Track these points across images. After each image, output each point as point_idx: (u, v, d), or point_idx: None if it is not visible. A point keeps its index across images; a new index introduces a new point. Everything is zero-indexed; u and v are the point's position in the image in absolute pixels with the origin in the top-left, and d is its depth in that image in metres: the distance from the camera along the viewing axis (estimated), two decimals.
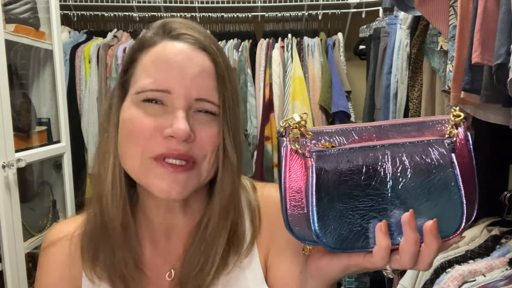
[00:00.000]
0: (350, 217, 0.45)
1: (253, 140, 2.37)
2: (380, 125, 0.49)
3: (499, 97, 0.96)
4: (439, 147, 0.46)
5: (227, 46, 2.42)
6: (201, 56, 0.57)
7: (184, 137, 0.54)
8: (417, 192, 0.45)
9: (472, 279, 1.09)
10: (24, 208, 1.58)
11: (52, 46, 1.79)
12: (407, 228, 0.44)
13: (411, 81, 1.63)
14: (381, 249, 0.45)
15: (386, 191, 0.45)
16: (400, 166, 0.46)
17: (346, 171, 0.45)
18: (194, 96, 0.56)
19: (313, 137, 0.48)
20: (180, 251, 0.63)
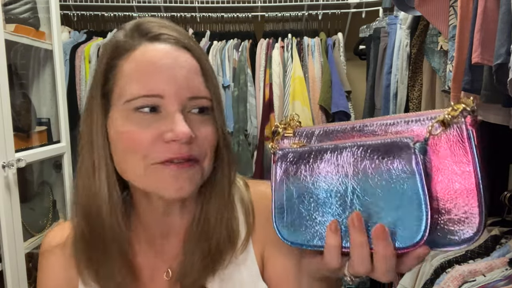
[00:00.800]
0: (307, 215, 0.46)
1: (253, 140, 2.37)
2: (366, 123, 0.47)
3: (499, 97, 0.96)
4: (404, 148, 0.42)
5: (227, 46, 2.42)
6: (185, 56, 0.56)
7: (186, 139, 0.53)
8: (378, 197, 0.42)
9: (472, 279, 1.09)
10: (24, 208, 1.58)
11: (52, 46, 1.79)
12: (351, 229, 0.43)
13: (411, 81, 1.63)
14: (329, 247, 0.45)
15: (346, 192, 0.44)
16: (361, 168, 0.43)
17: (307, 170, 0.46)
18: (187, 95, 0.55)
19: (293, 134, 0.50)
20: (176, 250, 0.63)
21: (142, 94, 0.54)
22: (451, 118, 0.42)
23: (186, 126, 0.53)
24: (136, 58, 0.55)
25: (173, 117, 0.54)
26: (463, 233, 0.41)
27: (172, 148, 0.54)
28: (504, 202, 1.28)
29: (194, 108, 0.56)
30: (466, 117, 0.42)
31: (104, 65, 0.58)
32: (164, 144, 0.54)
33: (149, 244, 0.64)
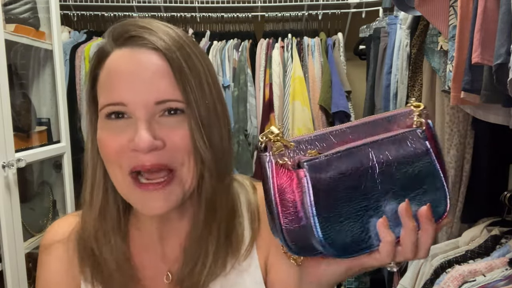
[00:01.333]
0: (350, 220, 0.45)
1: (253, 140, 2.37)
2: (354, 125, 0.50)
3: (499, 97, 0.96)
4: (414, 138, 0.49)
5: (227, 46, 2.42)
6: (152, 58, 0.53)
7: (147, 148, 0.51)
8: (404, 183, 0.46)
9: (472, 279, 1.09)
10: (24, 208, 1.58)
11: (52, 46, 1.79)
12: (405, 218, 0.44)
13: (411, 81, 1.63)
14: (386, 244, 0.45)
15: (377, 187, 0.46)
16: (384, 162, 0.46)
17: (338, 176, 0.45)
18: (152, 100, 0.52)
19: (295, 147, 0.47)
20: (176, 253, 0.63)
21: (107, 103, 0.54)
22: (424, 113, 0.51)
23: (147, 134, 0.51)
24: (106, 66, 0.56)
25: (136, 125, 0.53)
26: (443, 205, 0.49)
27: (137, 156, 0.53)
28: (504, 202, 1.28)
29: (164, 111, 0.54)
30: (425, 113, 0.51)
31: (89, 74, 0.58)
32: (131, 152, 0.53)
33: (148, 247, 0.64)
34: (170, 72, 0.53)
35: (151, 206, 0.55)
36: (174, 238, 0.64)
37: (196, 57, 0.56)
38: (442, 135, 1.39)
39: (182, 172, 0.55)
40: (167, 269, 0.63)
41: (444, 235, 1.41)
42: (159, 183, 0.54)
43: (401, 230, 0.45)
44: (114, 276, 0.60)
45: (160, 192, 0.54)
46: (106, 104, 0.54)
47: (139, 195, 0.55)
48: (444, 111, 1.38)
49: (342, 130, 0.49)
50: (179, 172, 0.55)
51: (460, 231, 1.38)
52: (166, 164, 0.54)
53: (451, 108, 1.34)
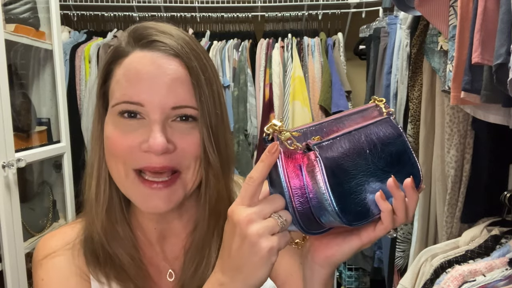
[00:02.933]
0: (356, 193, 0.51)
1: (253, 140, 2.37)
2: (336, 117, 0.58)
3: (499, 97, 0.96)
4: (390, 123, 0.58)
5: (227, 46, 2.42)
6: (173, 64, 0.55)
7: (161, 151, 0.53)
8: (388, 160, 0.54)
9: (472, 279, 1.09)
10: (24, 208, 1.58)
11: (52, 46, 1.79)
12: (394, 189, 0.50)
13: (411, 81, 1.63)
14: (387, 213, 0.50)
15: (369, 165, 0.53)
16: (372, 143, 0.54)
17: (341, 156, 0.51)
18: (169, 105, 0.55)
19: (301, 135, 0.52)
20: (177, 252, 0.64)
21: (123, 100, 0.55)
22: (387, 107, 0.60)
23: (162, 137, 0.53)
24: (125, 65, 0.56)
25: (151, 127, 0.54)
26: None
27: (148, 158, 0.54)
28: (504, 202, 1.28)
29: (177, 117, 0.56)
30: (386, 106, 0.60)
31: (103, 69, 0.59)
32: (142, 153, 0.54)
33: (150, 244, 0.65)
34: (188, 80, 0.56)
35: (152, 204, 0.56)
36: (174, 237, 0.64)
37: (210, 68, 0.58)
38: (442, 135, 1.39)
39: (186, 175, 0.57)
40: (169, 268, 0.64)
41: (444, 235, 1.42)
42: (163, 182, 0.55)
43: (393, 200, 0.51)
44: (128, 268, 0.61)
45: (163, 192, 0.55)
46: (122, 101, 0.55)
47: (142, 192, 0.56)
48: (444, 111, 1.38)
49: (329, 122, 0.56)
50: (183, 174, 0.57)
51: (460, 231, 1.38)
52: (173, 167, 0.55)
53: (451, 108, 1.34)
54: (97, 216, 0.61)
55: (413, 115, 1.61)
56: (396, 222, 0.51)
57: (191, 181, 0.58)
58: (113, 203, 0.61)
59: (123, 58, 0.57)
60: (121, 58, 0.57)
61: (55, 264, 0.64)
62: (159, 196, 0.55)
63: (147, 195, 0.56)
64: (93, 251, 0.62)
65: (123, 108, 0.55)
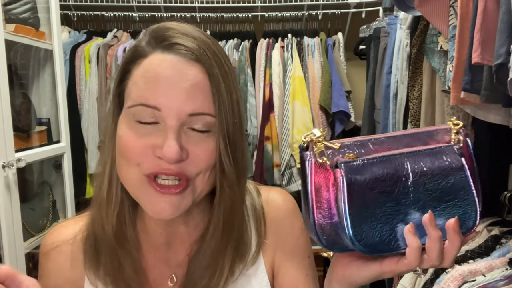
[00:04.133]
0: (379, 222, 0.48)
1: (253, 140, 2.37)
2: (393, 135, 0.53)
3: (499, 97, 0.96)
4: (451, 153, 0.51)
5: (227, 46, 2.42)
6: (193, 69, 0.53)
7: (174, 160, 0.52)
8: (436, 195, 0.49)
9: (472, 279, 1.09)
10: (24, 208, 1.58)
11: (52, 46, 1.79)
12: (428, 227, 0.47)
13: (411, 81, 1.63)
14: (413, 249, 0.47)
15: (409, 195, 0.49)
16: (418, 172, 0.50)
17: (372, 179, 0.48)
18: (187, 112, 0.53)
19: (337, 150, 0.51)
20: (181, 258, 0.63)
21: (140, 103, 0.53)
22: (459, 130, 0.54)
23: (176, 146, 0.52)
24: (144, 66, 0.55)
25: (166, 133, 0.53)
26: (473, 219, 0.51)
27: (160, 163, 0.53)
28: (504, 202, 1.28)
29: (195, 124, 0.54)
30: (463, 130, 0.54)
31: (121, 68, 0.58)
32: (154, 157, 0.53)
33: (154, 249, 0.64)
34: (208, 87, 0.54)
35: (161, 209, 0.55)
36: (179, 243, 0.64)
37: (230, 74, 0.57)
38: None
39: (195, 181, 0.56)
40: (171, 273, 0.63)
41: None
42: (174, 186, 0.54)
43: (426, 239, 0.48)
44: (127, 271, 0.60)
45: (173, 198, 0.54)
46: (139, 103, 0.53)
47: (152, 196, 0.55)
48: (444, 111, 1.38)
49: (381, 139, 0.53)
50: (193, 180, 0.55)
51: None
52: (185, 174, 0.54)
53: (451, 108, 1.34)
54: (108, 216, 0.60)
55: (413, 115, 1.61)
56: (426, 262, 0.48)
57: (200, 188, 0.56)
58: (123, 204, 0.60)
59: (142, 59, 0.55)
60: (140, 59, 0.56)
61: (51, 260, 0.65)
62: (169, 202, 0.54)
63: (157, 201, 0.54)
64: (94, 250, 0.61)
65: (139, 111, 0.54)
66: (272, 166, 2.36)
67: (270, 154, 2.35)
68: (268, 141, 2.35)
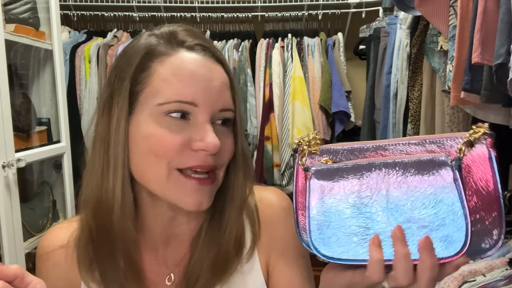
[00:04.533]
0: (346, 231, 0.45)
1: (253, 140, 2.37)
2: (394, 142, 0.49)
3: (499, 97, 0.96)
4: (441, 165, 0.44)
5: (227, 46, 2.42)
6: (219, 69, 0.58)
7: (215, 150, 0.54)
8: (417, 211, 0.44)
9: (472, 279, 1.09)
10: (24, 208, 1.58)
11: (52, 46, 1.79)
12: (395, 241, 0.44)
13: (411, 81, 1.63)
14: (373, 262, 0.44)
15: (386, 206, 0.45)
16: (400, 183, 0.45)
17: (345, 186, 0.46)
18: (218, 107, 0.57)
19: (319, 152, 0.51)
20: (180, 256, 0.63)
21: (177, 99, 0.55)
22: (474, 140, 0.46)
23: (216, 137, 0.55)
24: (173, 63, 0.56)
25: (203, 127, 0.55)
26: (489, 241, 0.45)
27: (199, 157, 0.55)
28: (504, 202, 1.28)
29: (219, 119, 0.58)
30: (486, 140, 0.47)
31: (134, 66, 0.57)
32: (191, 151, 0.55)
33: (151, 249, 0.64)
34: (229, 85, 0.59)
35: (199, 201, 0.56)
36: (177, 243, 0.64)
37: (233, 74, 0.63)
38: None
39: (219, 172, 0.59)
40: (170, 271, 0.63)
41: None
42: (209, 179, 0.57)
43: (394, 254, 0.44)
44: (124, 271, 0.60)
45: (208, 188, 0.57)
46: (175, 100, 0.55)
47: (188, 188, 0.56)
48: (444, 111, 1.38)
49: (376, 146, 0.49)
50: (218, 171, 0.58)
51: None
52: (217, 167, 0.57)
53: (451, 108, 1.34)
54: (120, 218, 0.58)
55: (413, 115, 1.61)
56: (392, 280, 0.45)
57: (220, 180, 0.60)
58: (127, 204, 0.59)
59: (165, 56, 0.56)
60: (162, 56, 0.56)
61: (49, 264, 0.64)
62: (205, 191, 0.56)
63: (194, 191, 0.56)
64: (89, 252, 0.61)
65: (175, 107, 0.55)
66: (272, 166, 2.36)
67: (270, 154, 2.35)
68: (268, 141, 2.35)
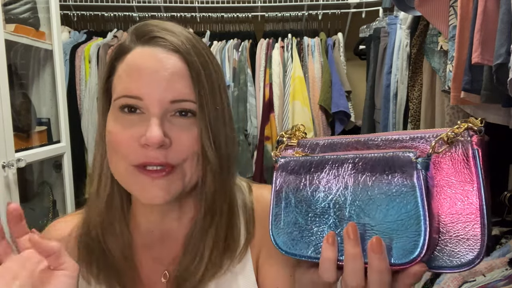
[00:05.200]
0: (304, 224, 0.45)
1: (253, 140, 2.37)
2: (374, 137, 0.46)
3: (499, 97, 0.96)
4: (405, 163, 0.41)
5: (227, 46, 2.42)
6: (172, 59, 0.56)
7: (157, 144, 0.53)
8: (376, 210, 0.41)
9: (472, 279, 1.09)
10: (24, 208, 1.57)
11: (52, 46, 1.79)
12: (346, 240, 0.41)
13: (411, 81, 1.63)
14: (325, 259, 0.43)
15: (345, 204, 0.43)
16: (361, 180, 0.42)
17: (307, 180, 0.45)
18: (168, 98, 0.55)
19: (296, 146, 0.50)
20: (174, 254, 0.63)
21: (123, 94, 0.56)
22: (454, 136, 0.42)
23: (159, 130, 0.53)
24: (127, 60, 0.57)
25: (149, 121, 0.54)
26: (463, 256, 0.40)
27: (147, 152, 0.54)
28: (504, 202, 1.28)
29: (176, 111, 0.56)
30: (472, 136, 0.41)
31: (106, 67, 0.60)
32: (140, 147, 0.55)
33: (146, 247, 0.64)
34: (188, 74, 0.56)
35: (152, 194, 0.56)
36: (172, 240, 0.64)
37: (212, 65, 0.59)
38: None
39: (184, 167, 0.57)
40: (164, 269, 0.63)
41: None
42: (162, 170, 0.55)
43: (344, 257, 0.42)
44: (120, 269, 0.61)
45: (162, 181, 0.55)
46: (122, 95, 0.56)
47: (142, 182, 0.56)
48: (444, 111, 1.38)
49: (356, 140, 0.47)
50: (181, 167, 0.57)
51: None
52: (171, 163, 0.56)
53: (451, 108, 1.34)
54: (97, 211, 0.61)
55: (413, 115, 1.61)
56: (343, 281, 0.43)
57: (190, 174, 0.57)
58: (113, 200, 0.62)
59: (125, 54, 0.58)
60: (124, 55, 0.58)
61: None
62: (159, 185, 0.55)
63: (147, 185, 0.56)
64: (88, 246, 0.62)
65: (123, 102, 0.56)
66: (273, 166, 2.36)
67: (270, 154, 2.35)
68: (268, 141, 2.35)
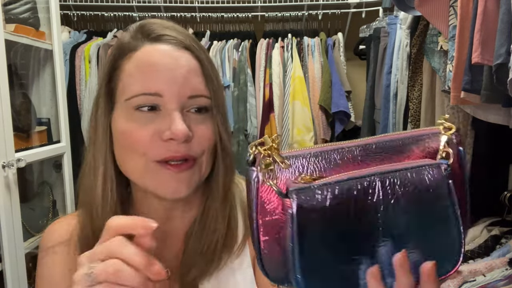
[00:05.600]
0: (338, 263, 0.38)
1: (253, 140, 2.37)
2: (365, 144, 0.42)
3: (499, 97, 0.96)
4: (435, 174, 0.39)
5: (227, 46, 2.42)
6: (186, 56, 0.57)
7: (184, 137, 0.54)
8: (411, 226, 0.39)
9: (472, 279, 1.09)
10: (24, 208, 1.58)
11: (52, 46, 1.79)
12: (399, 271, 0.38)
13: (411, 81, 1.63)
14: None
15: (377, 229, 0.38)
16: (391, 197, 0.38)
17: (331, 210, 0.37)
18: (186, 94, 0.56)
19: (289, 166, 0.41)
20: (175, 250, 0.64)
21: (141, 92, 0.55)
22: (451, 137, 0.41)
23: (184, 124, 0.54)
24: (137, 58, 0.57)
25: (171, 116, 0.55)
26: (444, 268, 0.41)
27: (170, 147, 0.55)
28: (504, 202, 1.28)
29: (193, 107, 0.57)
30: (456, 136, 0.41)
31: (108, 65, 0.60)
32: (163, 142, 0.55)
33: None
34: (200, 71, 0.58)
35: (175, 189, 0.56)
36: (174, 237, 0.64)
37: (213, 64, 0.61)
38: None
39: (202, 160, 0.58)
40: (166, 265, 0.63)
41: None
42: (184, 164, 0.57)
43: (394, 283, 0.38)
44: None
45: (184, 174, 0.56)
46: (140, 93, 0.55)
47: (164, 178, 0.56)
48: (444, 111, 1.38)
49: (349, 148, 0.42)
50: (199, 159, 0.58)
51: None
52: (191, 155, 0.57)
53: (451, 108, 1.34)
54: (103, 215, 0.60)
55: (413, 115, 1.61)
56: None
57: (205, 167, 0.59)
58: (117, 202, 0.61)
59: (132, 52, 0.58)
60: (130, 52, 0.58)
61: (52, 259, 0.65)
62: (181, 178, 0.56)
63: (170, 179, 0.56)
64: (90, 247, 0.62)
65: (141, 101, 0.56)
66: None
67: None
68: None
